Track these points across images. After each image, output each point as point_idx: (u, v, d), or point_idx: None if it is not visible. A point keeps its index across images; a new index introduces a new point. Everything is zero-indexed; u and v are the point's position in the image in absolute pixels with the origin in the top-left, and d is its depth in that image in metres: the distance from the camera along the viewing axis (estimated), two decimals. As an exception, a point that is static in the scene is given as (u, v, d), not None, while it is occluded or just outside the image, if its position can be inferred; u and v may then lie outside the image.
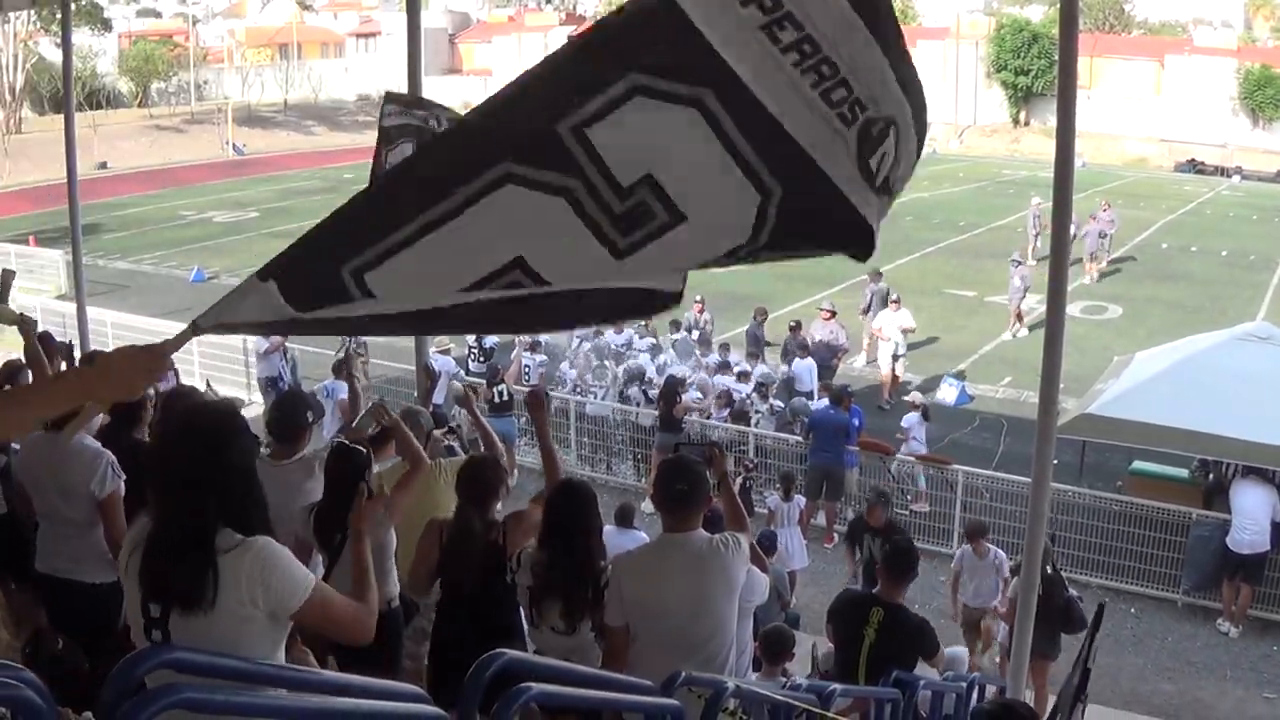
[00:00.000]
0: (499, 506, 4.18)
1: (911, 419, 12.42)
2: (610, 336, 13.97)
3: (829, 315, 14.70)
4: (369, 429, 4.91)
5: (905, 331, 15.05)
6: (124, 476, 4.17)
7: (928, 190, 36.11)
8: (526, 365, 13.58)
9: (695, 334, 14.97)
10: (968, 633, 8.67)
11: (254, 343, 14.42)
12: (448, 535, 4.10)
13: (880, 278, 17.01)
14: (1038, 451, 4.78)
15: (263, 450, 4.61)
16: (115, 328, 15.81)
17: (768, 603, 7.05)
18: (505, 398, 12.34)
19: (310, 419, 4.67)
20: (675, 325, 15.21)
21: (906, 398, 13.19)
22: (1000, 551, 8.55)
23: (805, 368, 13.47)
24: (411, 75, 6.51)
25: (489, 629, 3.76)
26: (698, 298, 15.87)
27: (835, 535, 11.08)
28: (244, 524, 2.36)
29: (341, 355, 4.64)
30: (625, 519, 8.28)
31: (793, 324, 14.56)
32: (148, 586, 2.33)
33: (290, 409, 4.70)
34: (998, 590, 8.41)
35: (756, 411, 12.14)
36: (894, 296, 15.92)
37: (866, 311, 16.58)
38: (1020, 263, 17.96)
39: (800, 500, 10.18)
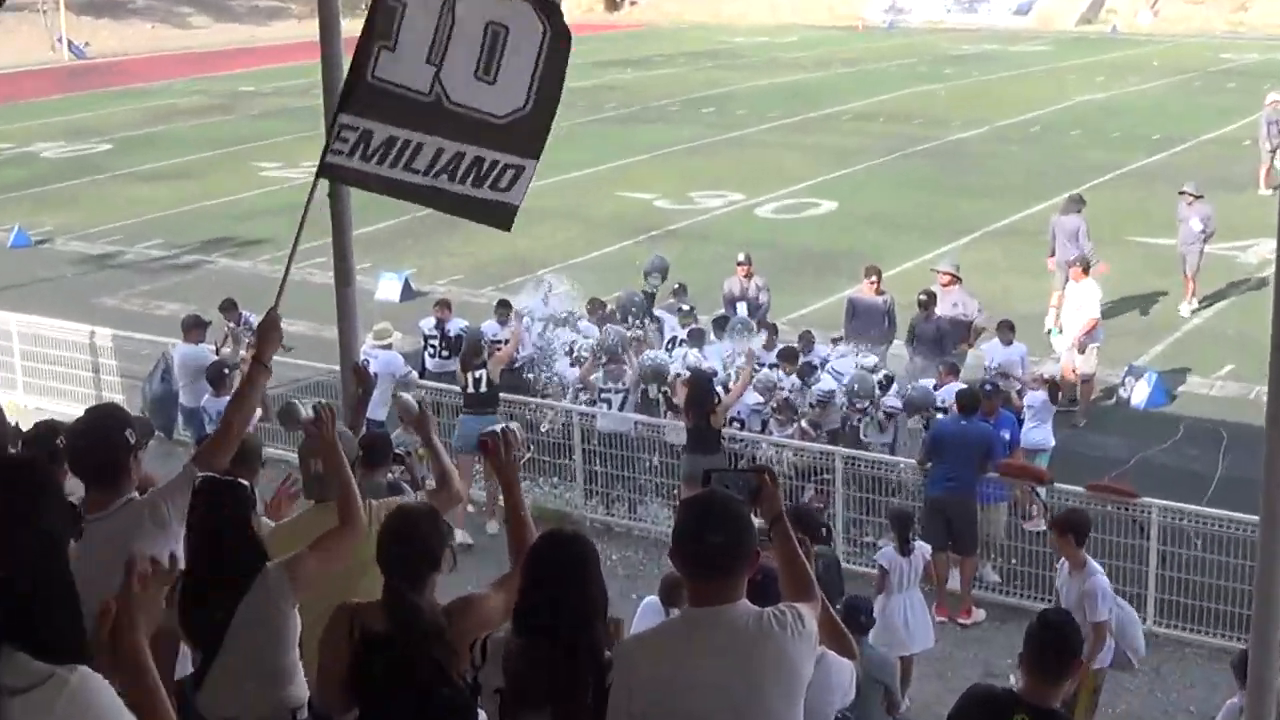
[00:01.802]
0: (439, 579, 4.20)
1: (1035, 399, 12.41)
2: (616, 325, 13.88)
3: (949, 280, 14.63)
4: (300, 417, 4.96)
5: (1087, 326, 14.76)
6: None
7: (1103, 89, 35.95)
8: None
9: (743, 308, 14.90)
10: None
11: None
12: (362, 628, 4.08)
13: (1079, 206, 17.01)
14: (1267, 479, 4.69)
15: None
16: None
17: (865, 703, 7.01)
18: (486, 389, 12.43)
19: (132, 441, 4.66)
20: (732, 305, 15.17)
21: (1035, 371, 13.24)
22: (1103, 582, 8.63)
23: (1018, 352, 13.38)
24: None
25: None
26: (741, 257, 15.76)
27: (974, 609, 11.00)
28: (46, 645, 2.34)
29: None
30: (670, 595, 8.15)
31: (922, 295, 14.44)
32: None
33: (94, 433, 4.67)
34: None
35: (861, 416, 12.07)
36: (1089, 249, 15.80)
37: (1054, 254, 16.77)
38: (1196, 196, 17.79)
39: (924, 551, 10.11)
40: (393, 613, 4.08)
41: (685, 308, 14.66)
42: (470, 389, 12.45)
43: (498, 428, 4.53)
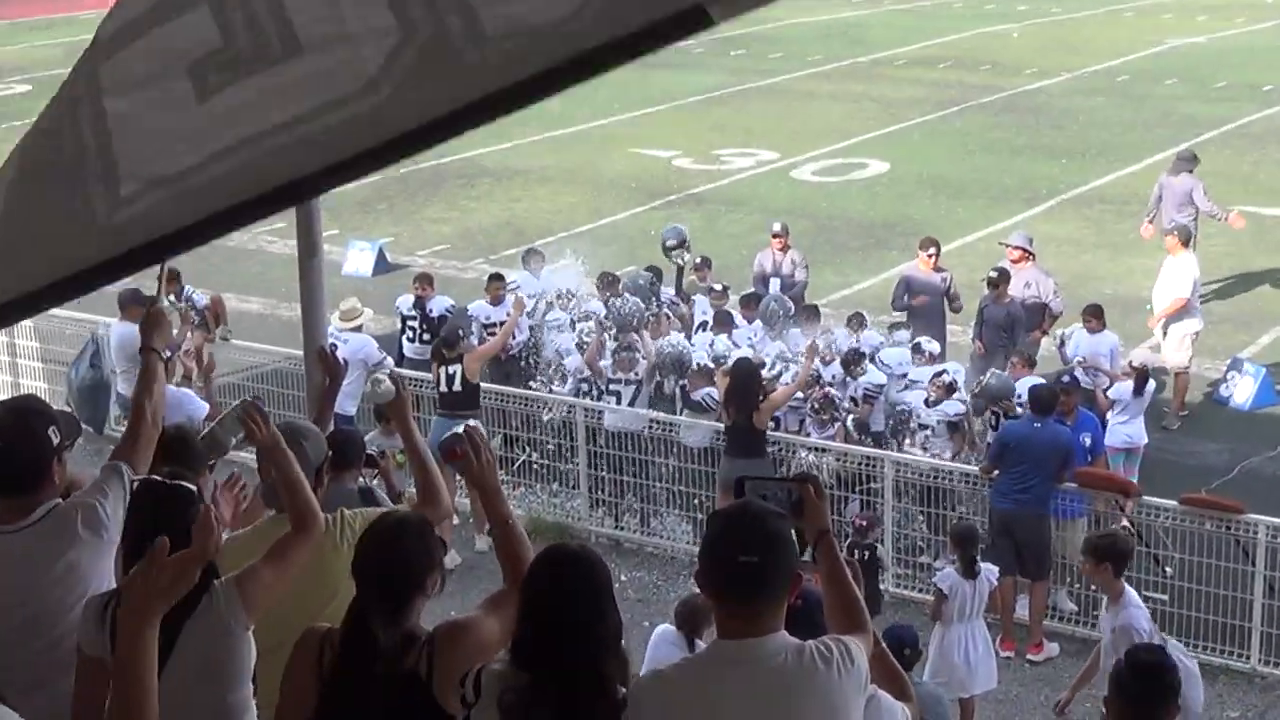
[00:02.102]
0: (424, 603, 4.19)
1: (1123, 392, 12.41)
2: (633, 301, 13.86)
3: (1021, 256, 14.64)
4: (229, 444, 4.96)
5: (1173, 308, 14.72)
6: None
7: (1205, 30, 35.80)
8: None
9: (775, 287, 14.95)
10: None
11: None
12: (332, 658, 4.10)
13: (1190, 164, 17.05)
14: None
15: None
16: None
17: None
18: (461, 387, 12.46)
19: (55, 440, 4.74)
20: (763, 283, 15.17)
21: (1125, 364, 13.24)
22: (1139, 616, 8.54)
23: (1107, 343, 13.40)
24: None
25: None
26: (775, 228, 15.80)
27: (1045, 642, 11.02)
28: None
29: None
30: (692, 622, 8.23)
31: (993, 273, 14.45)
32: None
33: (10, 431, 4.70)
34: None
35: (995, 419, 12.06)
36: (1214, 210, 16.16)
37: (1153, 220, 16.86)
38: None
39: (991, 575, 10.12)
40: (345, 640, 4.10)
41: (718, 287, 14.69)
42: (443, 387, 12.45)
43: (460, 427, 4.51)
